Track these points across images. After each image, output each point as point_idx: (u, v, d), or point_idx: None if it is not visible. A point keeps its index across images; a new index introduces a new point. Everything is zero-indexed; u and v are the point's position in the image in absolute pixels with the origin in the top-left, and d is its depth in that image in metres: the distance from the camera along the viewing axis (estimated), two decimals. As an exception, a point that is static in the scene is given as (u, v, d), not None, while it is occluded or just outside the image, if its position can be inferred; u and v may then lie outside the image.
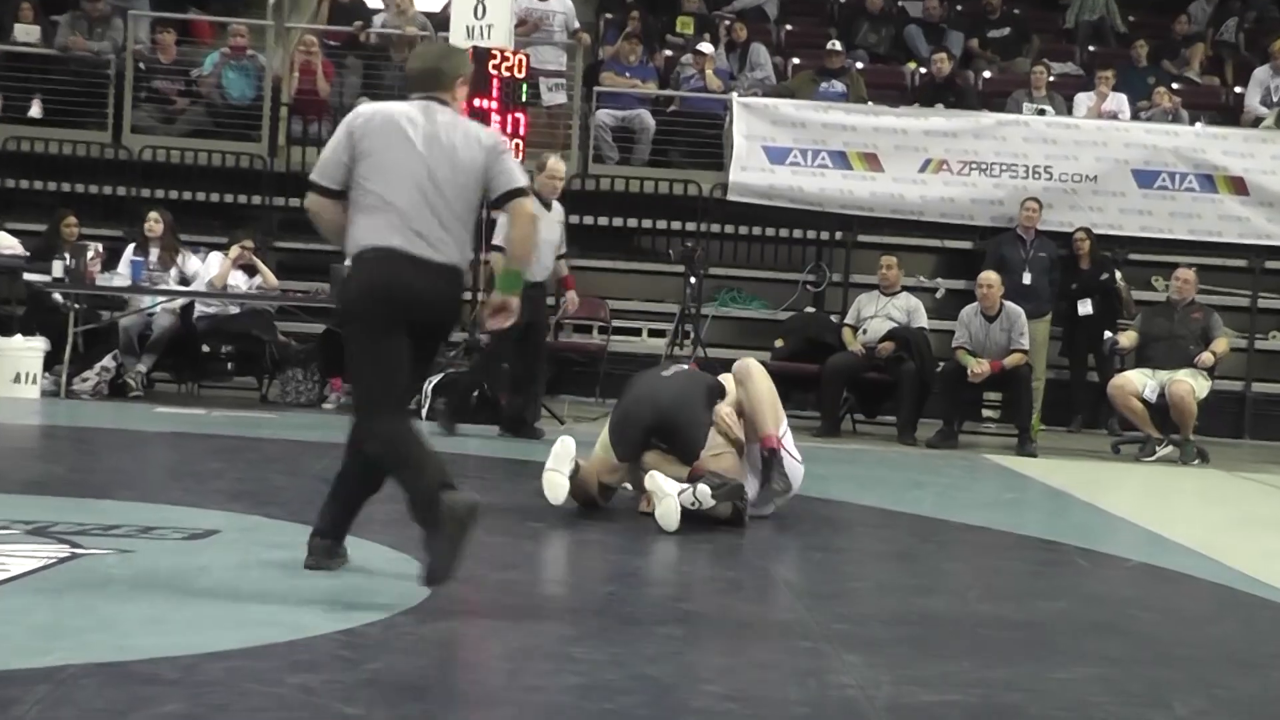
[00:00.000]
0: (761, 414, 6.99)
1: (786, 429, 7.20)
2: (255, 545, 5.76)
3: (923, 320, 12.33)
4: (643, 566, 6.20)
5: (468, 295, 11.44)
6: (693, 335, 12.79)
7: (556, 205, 10.49)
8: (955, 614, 5.38)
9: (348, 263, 5.27)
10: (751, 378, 7.08)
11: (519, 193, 5.16)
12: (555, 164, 9.08)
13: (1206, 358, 11.62)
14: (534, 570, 5.82)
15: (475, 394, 10.99)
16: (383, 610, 4.73)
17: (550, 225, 9.12)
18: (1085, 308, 13.51)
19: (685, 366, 7.57)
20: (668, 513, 6.55)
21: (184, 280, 12.10)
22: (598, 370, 13.53)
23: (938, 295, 14.13)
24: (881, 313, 12.30)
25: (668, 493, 6.58)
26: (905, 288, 12.70)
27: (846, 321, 12.61)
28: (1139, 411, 11.69)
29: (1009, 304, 11.93)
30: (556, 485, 6.84)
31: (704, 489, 6.62)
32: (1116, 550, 7.12)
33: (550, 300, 10.99)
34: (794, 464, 7.09)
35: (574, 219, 14.38)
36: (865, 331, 12.28)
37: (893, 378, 11.96)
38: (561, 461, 6.90)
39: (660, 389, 7.09)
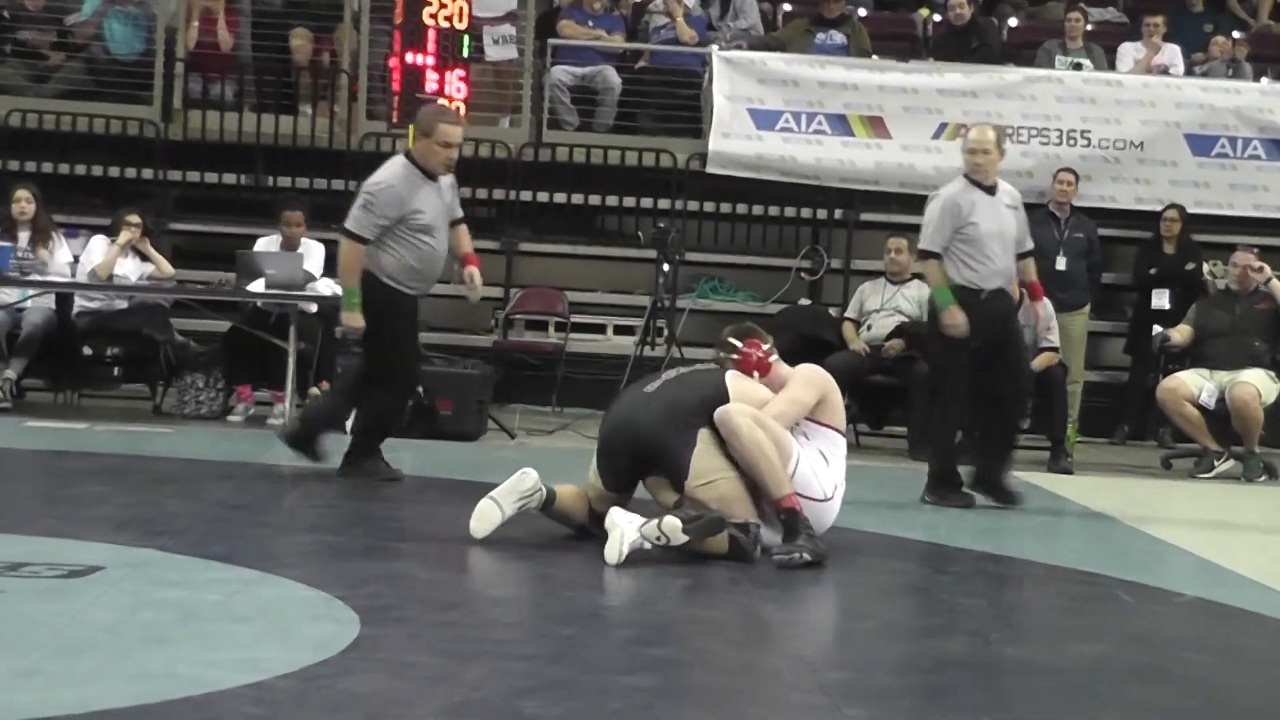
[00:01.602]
0: (762, 478, 6.89)
1: (809, 452, 7.15)
2: (146, 583, 5.75)
3: None
4: (609, 606, 6.20)
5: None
6: (666, 333, 12.80)
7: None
8: (976, 659, 5.40)
9: None
10: (737, 437, 6.90)
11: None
12: (447, 129, 8.74)
13: None
14: (479, 610, 5.83)
15: (411, 403, 10.98)
16: (298, 660, 4.74)
17: (427, 199, 8.76)
18: (1162, 300, 13.53)
19: (686, 370, 7.41)
20: (610, 547, 6.57)
21: (60, 270, 12.06)
22: (554, 374, 13.54)
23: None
24: (889, 305, 12.35)
25: (617, 524, 6.60)
26: (916, 275, 12.73)
27: (847, 315, 12.67)
28: (1194, 420, 11.76)
29: (1029, 295, 11.94)
30: (485, 516, 6.88)
31: (672, 522, 6.59)
32: (1167, 583, 7.17)
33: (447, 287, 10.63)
34: (820, 509, 7.09)
35: (526, 195, 14.47)
36: (869, 327, 12.32)
37: (902, 381, 12.00)
38: (507, 495, 6.90)
39: (640, 410, 7.06)
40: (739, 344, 7.46)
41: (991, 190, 9.24)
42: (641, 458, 7.02)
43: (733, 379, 7.21)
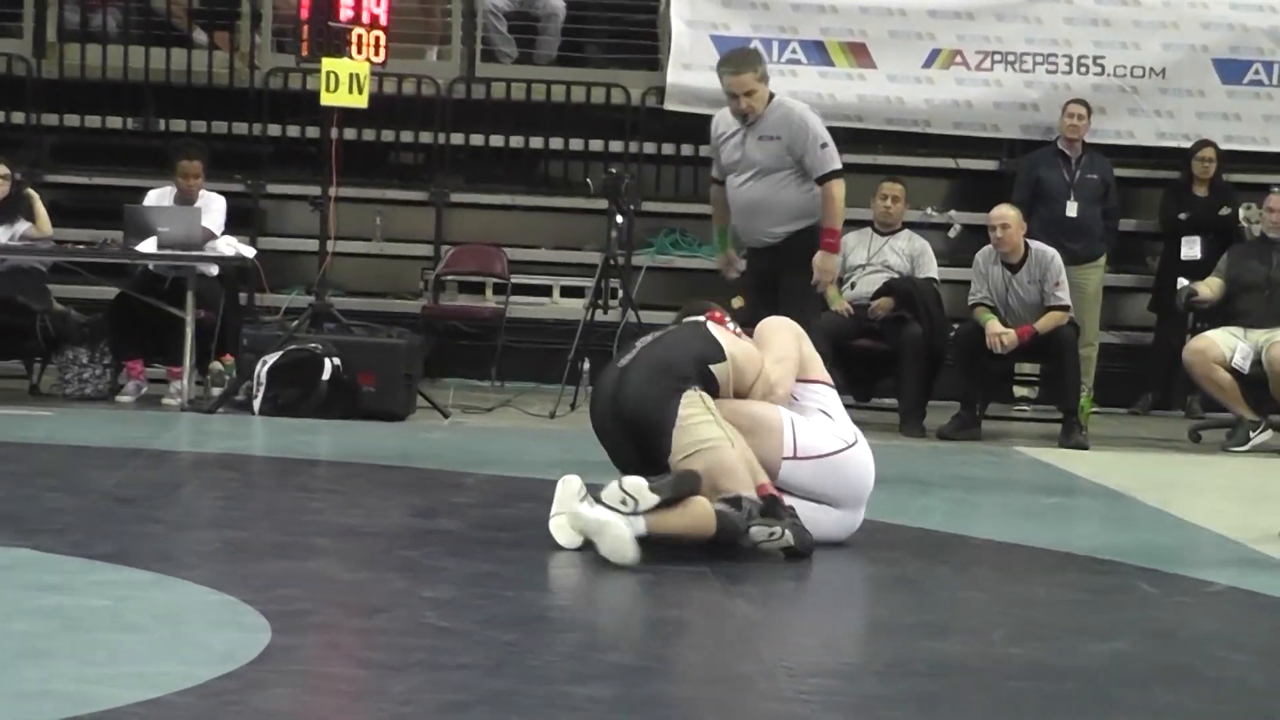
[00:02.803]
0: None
1: (808, 416, 7.16)
2: (20, 589, 5.72)
3: (931, 268, 12.37)
4: (558, 606, 6.20)
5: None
6: (621, 294, 12.80)
7: None
8: (977, 661, 5.41)
9: None
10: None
11: None
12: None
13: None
14: (409, 614, 5.81)
15: (326, 377, 10.97)
16: (199, 674, 4.72)
17: None
18: (1192, 249, 13.53)
19: (659, 333, 7.23)
20: (613, 542, 6.46)
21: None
22: (493, 344, 13.52)
23: (951, 234, 14.19)
24: (876, 259, 12.34)
25: (603, 519, 6.49)
26: (907, 224, 12.74)
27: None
28: (1226, 385, 11.80)
29: (1038, 246, 11.95)
30: (562, 531, 6.77)
31: (635, 481, 6.51)
32: (1196, 571, 7.20)
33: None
34: (845, 459, 7.11)
35: (458, 139, 14.44)
36: (853, 285, 12.31)
37: (892, 346, 12.01)
38: (567, 504, 6.78)
39: (619, 388, 6.92)
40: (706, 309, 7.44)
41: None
42: (633, 439, 6.89)
43: (717, 330, 7.14)
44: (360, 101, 11.49)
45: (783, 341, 7.30)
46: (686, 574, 6.50)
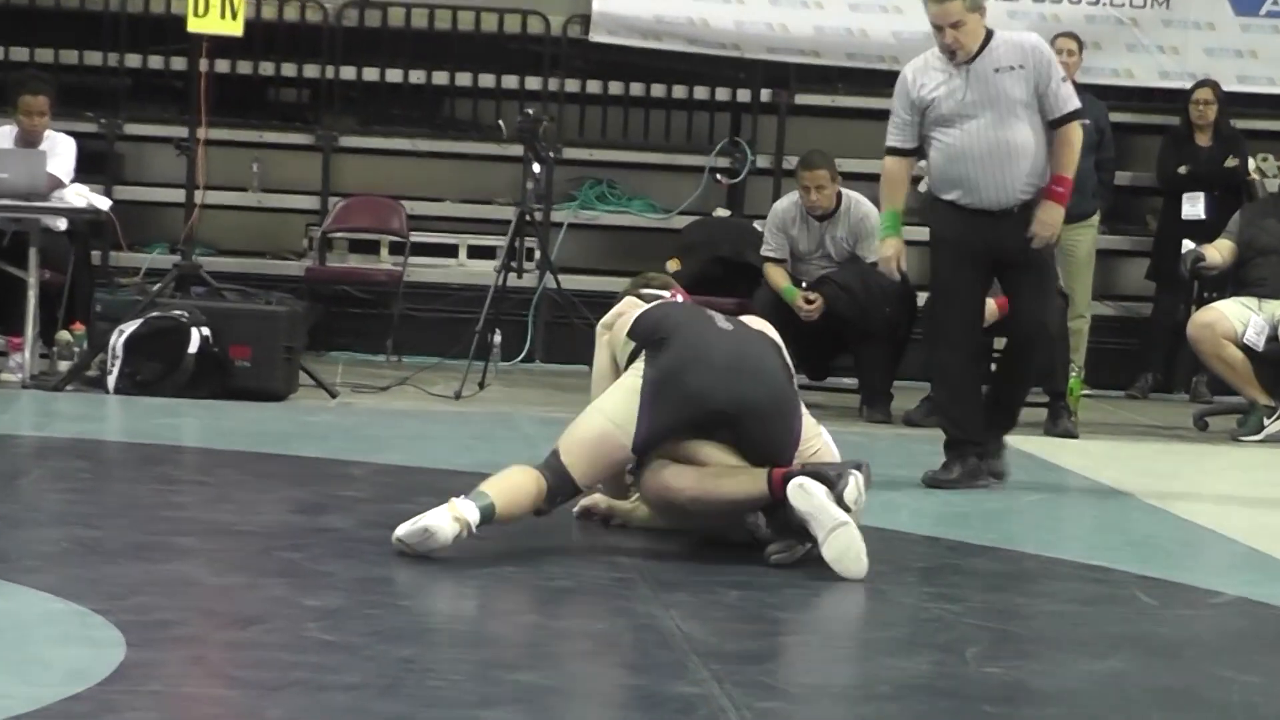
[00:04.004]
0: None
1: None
2: None
3: (872, 242, 12.07)
4: (461, 616, 6.20)
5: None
6: (539, 255, 12.78)
7: None
8: (947, 682, 5.42)
9: None
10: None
11: None
12: None
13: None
14: (288, 625, 5.80)
15: (193, 350, 10.93)
16: (43, 695, 4.69)
17: None
18: (1194, 207, 13.56)
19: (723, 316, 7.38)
20: (852, 547, 6.67)
21: None
22: (389, 312, 13.49)
23: (921, 188, 14.19)
24: (816, 250, 12.12)
25: (839, 519, 6.66)
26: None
27: (769, 254, 12.33)
28: (1237, 364, 11.86)
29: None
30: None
31: (857, 479, 6.75)
32: (1200, 579, 7.25)
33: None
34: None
35: (348, 73, 14.41)
36: (803, 284, 12.07)
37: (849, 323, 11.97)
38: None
39: (740, 357, 7.04)
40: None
41: None
42: (763, 419, 7.06)
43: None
44: (234, 28, 11.43)
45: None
46: (611, 581, 6.51)
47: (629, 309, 7.33)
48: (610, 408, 6.99)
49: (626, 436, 6.90)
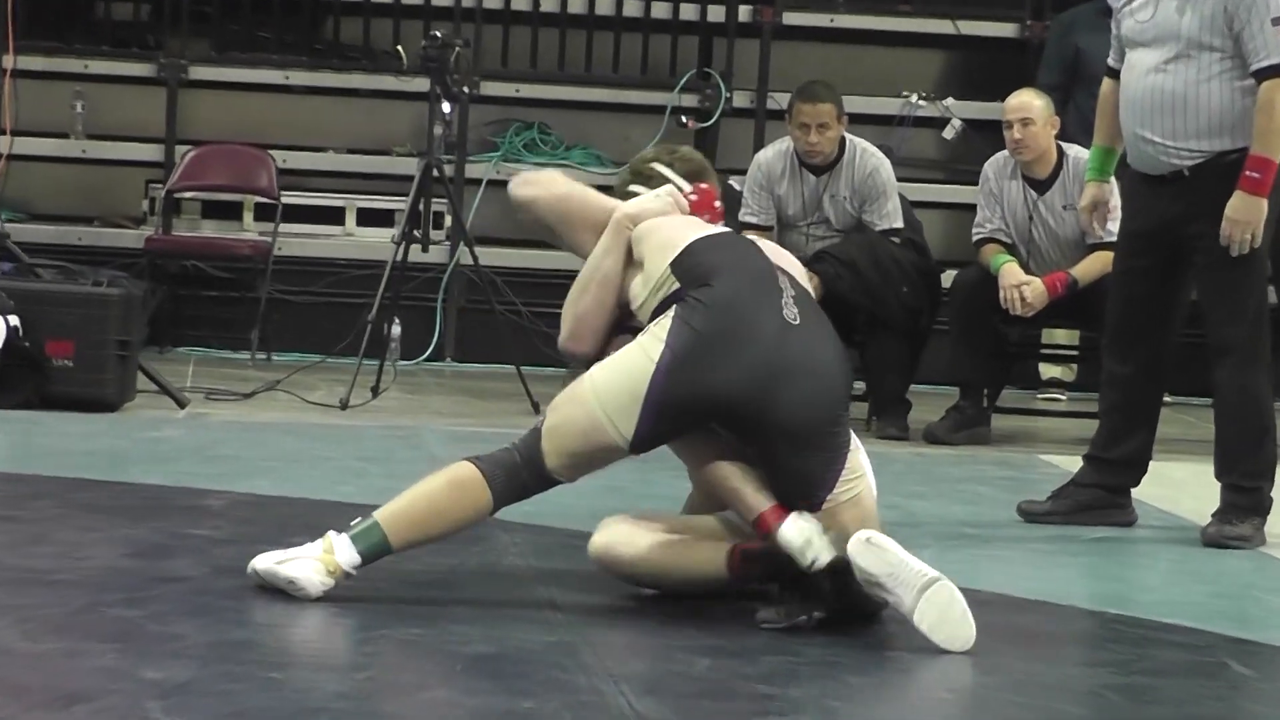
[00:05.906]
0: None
1: None
2: None
3: (886, 207, 12.07)
4: (345, 693, 6.16)
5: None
6: (450, 221, 12.77)
7: None
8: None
9: None
10: None
11: None
12: None
13: None
14: (123, 703, 5.77)
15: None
16: None
17: None
18: None
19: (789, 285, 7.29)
20: (954, 605, 6.71)
21: None
22: (256, 295, 13.45)
23: (947, 134, 14.24)
24: (813, 212, 12.09)
25: (929, 574, 6.71)
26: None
27: (748, 219, 12.30)
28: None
29: (1073, 150, 11.96)
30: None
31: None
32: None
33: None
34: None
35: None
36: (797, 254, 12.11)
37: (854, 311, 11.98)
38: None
39: (800, 366, 7.01)
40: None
41: None
42: (808, 439, 7.04)
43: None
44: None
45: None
46: (544, 645, 6.48)
47: (671, 212, 7.31)
48: (605, 389, 6.93)
49: (620, 436, 6.89)
